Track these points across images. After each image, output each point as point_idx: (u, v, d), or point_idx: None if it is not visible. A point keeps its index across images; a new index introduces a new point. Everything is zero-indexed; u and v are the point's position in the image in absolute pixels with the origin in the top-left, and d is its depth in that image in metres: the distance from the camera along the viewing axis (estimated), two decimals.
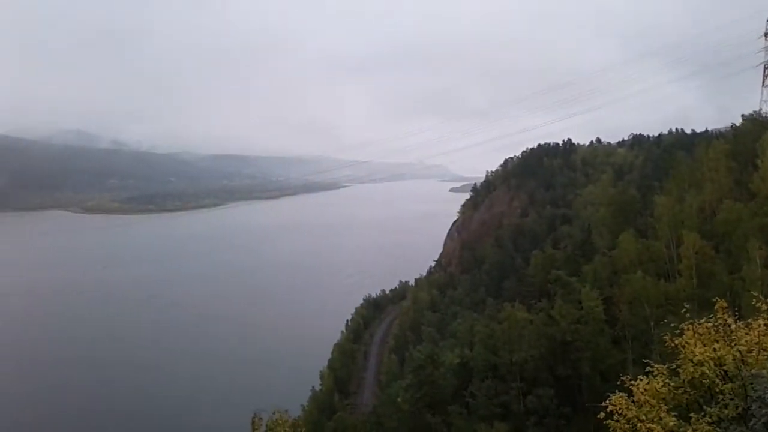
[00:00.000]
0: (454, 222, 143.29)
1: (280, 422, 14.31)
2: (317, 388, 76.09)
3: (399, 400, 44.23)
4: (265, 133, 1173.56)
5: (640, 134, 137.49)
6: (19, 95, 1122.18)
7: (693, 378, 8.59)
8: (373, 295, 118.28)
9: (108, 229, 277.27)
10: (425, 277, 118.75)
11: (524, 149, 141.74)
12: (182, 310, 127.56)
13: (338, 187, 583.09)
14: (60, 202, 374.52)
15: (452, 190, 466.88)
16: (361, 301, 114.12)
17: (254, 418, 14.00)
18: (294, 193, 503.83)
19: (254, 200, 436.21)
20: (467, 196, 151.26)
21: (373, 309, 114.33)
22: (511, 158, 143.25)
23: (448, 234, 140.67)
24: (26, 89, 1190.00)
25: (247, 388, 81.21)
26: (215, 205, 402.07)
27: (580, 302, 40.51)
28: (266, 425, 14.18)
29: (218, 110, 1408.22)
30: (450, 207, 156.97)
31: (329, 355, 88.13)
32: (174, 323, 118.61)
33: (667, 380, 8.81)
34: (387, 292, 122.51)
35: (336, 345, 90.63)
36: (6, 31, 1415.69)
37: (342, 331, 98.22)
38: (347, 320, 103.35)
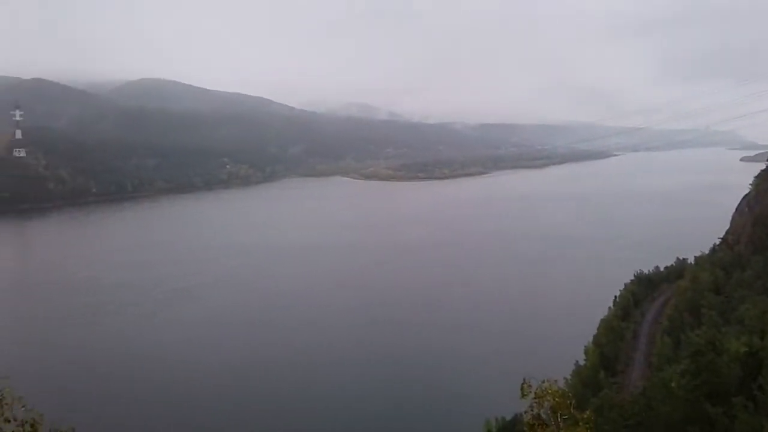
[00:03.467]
0: (746, 195, 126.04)
1: (550, 391, 13.77)
2: (581, 362, 73.59)
3: (673, 385, 40.51)
4: (533, 101, 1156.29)
5: None
6: (313, 74, 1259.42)
7: None
8: (646, 271, 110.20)
9: (381, 193, 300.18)
10: (708, 255, 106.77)
11: None
12: (443, 275, 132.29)
13: (608, 156, 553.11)
14: (343, 169, 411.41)
15: (744, 159, 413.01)
16: (632, 277, 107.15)
17: (524, 384, 13.70)
18: (560, 162, 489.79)
19: (519, 169, 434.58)
20: (762, 166, 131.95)
21: (646, 286, 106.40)
22: None
23: (737, 209, 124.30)
24: (318, 68, 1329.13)
25: (507, 352, 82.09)
26: (481, 173, 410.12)
27: None
28: (535, 392, 13.79)
29: (490, 80, 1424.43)
30: (740, 178, 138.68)
31: (594, 330, 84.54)
32: (436, 286, 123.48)
33: None
34: (661, 269, 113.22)
35: (603, 320, 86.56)
36: (304, 16, 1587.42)
37: (610, 307, 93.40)
38: (615, 296, 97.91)
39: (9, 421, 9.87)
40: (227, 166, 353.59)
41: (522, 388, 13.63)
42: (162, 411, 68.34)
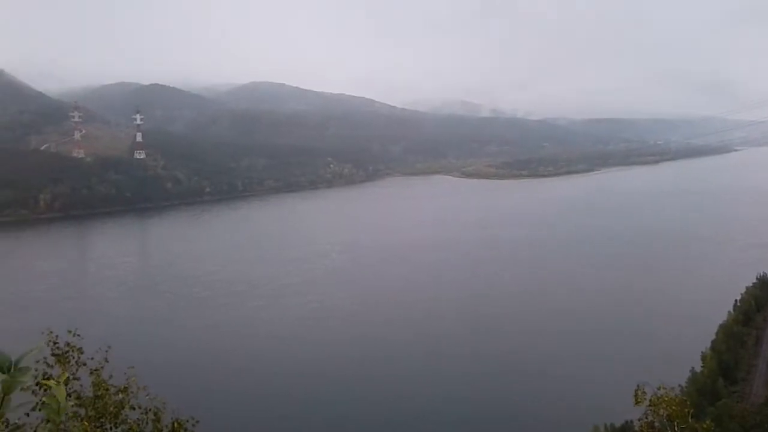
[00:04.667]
0: None
1: (666, 399, 13.16)
2: (697, 369, 69.69)
3: None
4: (644, 94, 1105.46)
5: None
6: (416, 73, 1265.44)
7: None
8: None
9: (484, 191, 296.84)
10: None
11: None
12: (550, 273, 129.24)
13: (728, 151, 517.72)
14: (444, 167, 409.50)
15: None
16: (754, 280, 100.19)
17: (637, 390, 13.16)
18: (674, 158, 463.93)
19: (630, 165, 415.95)
20: None
21: None
22: None
23: None
24: (421, 67, 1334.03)
25: (617, 357, 79.12)
26: (588, 170, 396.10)
27: None
28: (650, 400, 13.21)
29: (597, 73, 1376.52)
30: None
31: (711, 336, 79.88)
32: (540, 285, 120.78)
33: None
34: None
35: (721, 326, 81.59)
36: (406, 15, 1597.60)
37: (729, 311, 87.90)
38: (736, 299, 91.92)
39: (134, 409, 10.41)
40: (331, 166, 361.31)
41: (635, 395, 13.11)
42: (276, 405, 70.96)
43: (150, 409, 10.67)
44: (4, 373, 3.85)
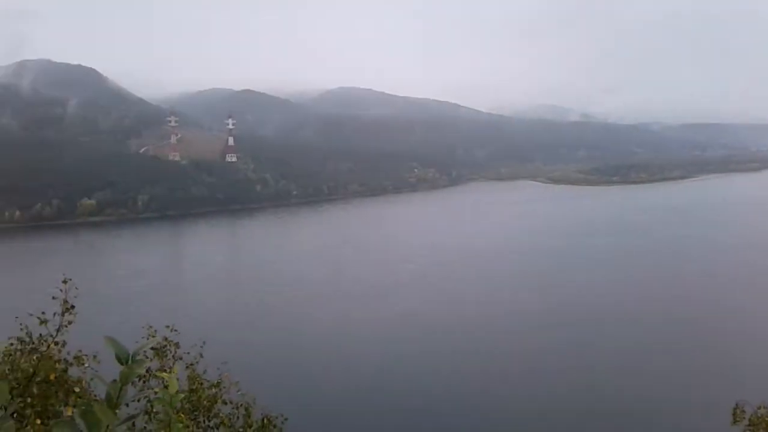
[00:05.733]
0: None
1: (766, 419, 12.45)
2: None
3: None
4: (745, 98, 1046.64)
5: None
6: (502, 77, 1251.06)
7: None
8: None
9: (573, 198, 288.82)
10: None
11: None
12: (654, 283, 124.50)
13: None
14: (530, 172, 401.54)
15: None
16: None
17: (736, 409, 12.50)
18: None
19: (729, 173, 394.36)
20: None
21: None
22: None
23: None
24: (507, 71, 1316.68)
25: (712, 372, 75.30)
26: (683, 177, 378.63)
27: None
28: (749, 419, 12.52)
29: (692, 75, 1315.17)
30: None
31: None
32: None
33: None
34: None
35: None
36: (492, 20, 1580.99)
37: None
38: None
39: (226, 403, 10.89)
40: (415, 170, 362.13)
41: (734, 414, 12.46)
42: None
43: (241, 405, 11.08)
44: (122, 364, 4.01)
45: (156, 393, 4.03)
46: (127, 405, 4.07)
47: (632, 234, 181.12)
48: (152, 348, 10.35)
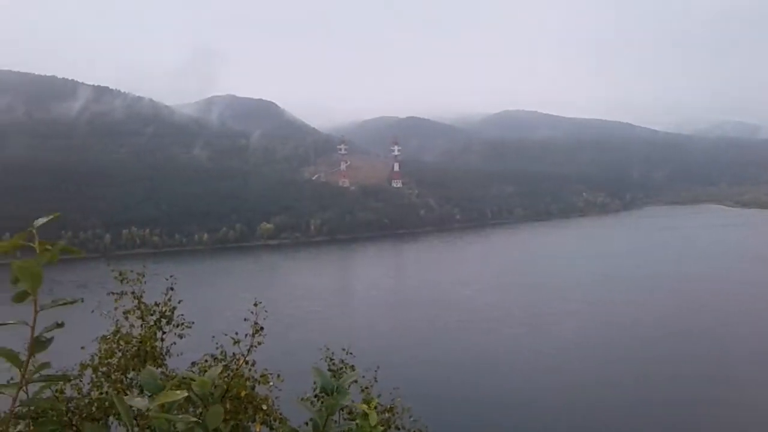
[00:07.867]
0: None
1: None
2: None
3: None
4: None
5: None
6: (679, 95, 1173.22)
7: None
8: None
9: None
10: None
11: None
12: None
13: None
14: (713, 195, 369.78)
15: None
16: None
17: None
18: None
19: None
20: None
21: None
22: None
23: None
24: (685, 88, 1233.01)
25: None
26: None
27: None
28: None
29: None
30: None
31: None
32: None
33: None
34: None
35: None
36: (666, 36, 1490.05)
37: None
38: None
39: (399, 429, 11.00)
40: (583, 194, 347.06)
41: None
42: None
43: (413, 431, 11.32)
44: (328, 395, 4.09)
45: (357, 423, 4.17)
46: None
47: None
48: (329, 370, 10.71)
